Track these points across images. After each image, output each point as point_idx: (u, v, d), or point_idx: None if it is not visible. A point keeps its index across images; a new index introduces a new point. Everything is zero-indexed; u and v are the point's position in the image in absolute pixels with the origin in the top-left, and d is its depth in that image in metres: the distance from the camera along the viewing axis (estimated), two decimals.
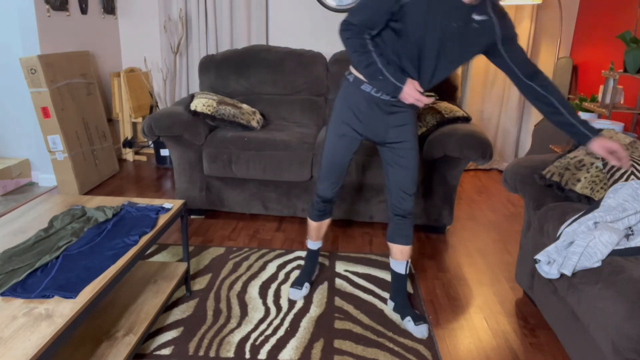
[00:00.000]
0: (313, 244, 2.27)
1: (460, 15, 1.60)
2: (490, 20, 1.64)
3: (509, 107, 4.14)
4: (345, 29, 1.64)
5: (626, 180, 1.72)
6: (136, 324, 1.71)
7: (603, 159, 1.83)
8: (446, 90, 3.36)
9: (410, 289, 2.30)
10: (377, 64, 1.64)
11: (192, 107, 2.93)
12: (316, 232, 2.22)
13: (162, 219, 1.84)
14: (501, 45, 1.69)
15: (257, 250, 2.64)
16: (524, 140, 4.31)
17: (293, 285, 2.22)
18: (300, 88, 3.46)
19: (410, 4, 1.58)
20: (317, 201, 2.11)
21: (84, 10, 3.76)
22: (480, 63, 4.05)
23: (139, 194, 3.48)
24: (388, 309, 2.13)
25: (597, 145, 1.63)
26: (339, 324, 2.01)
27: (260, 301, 2.16)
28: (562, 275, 1.68)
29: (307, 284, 2.23)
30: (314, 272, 2.32)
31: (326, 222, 2.20)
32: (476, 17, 1.62)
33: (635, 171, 1.73)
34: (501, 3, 1.67)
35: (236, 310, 2.09)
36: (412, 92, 1.65)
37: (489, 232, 3.01)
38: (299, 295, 2.18)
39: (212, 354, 1.81)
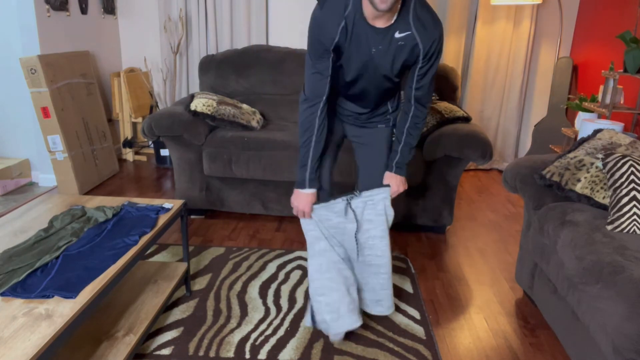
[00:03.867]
0: None
1: (380, 40, 1.59)
2: (412, 34, 1.59)
3: (509, 107, 4.14)
4: (301, 101, 1.76)
5: (626, 180, 1.73)
6: (136, 324, 1.71)
7: (603, 159, 1.83)
8: (446, 90, 3.36)
9: (410, 289, 2.30)
10: (309, 152, 1.75)
11: (192, 107, 2.93)
12: None
13: (162, 219, 1.84)
14: (421, 58, 1.64)
15: (257, 250, 2.64)
16: (524, 140, 4.31)
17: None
18: (300, 88, 3.46)
19: (338, 42, 1.62)
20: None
21: (84, 10, 3.76)
22: (480, 63, 4.06)
23: (139, 194, 3.48)
24: None
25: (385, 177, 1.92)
26: None
27: (260, 301, 2.16)
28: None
29: None
30: None
31: None
32: (398, 35, 1.59)
33: (635, 171, 1.73)
34: (500, 3, 1.66)
35: (236, 310, 2.09)
36: (301, 204, 1.79)
37: (489, 232, 3.01)
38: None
39: (212, 354, 1.81)
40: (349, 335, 1.93)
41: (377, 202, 1.83)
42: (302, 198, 1.79)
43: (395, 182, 1.90)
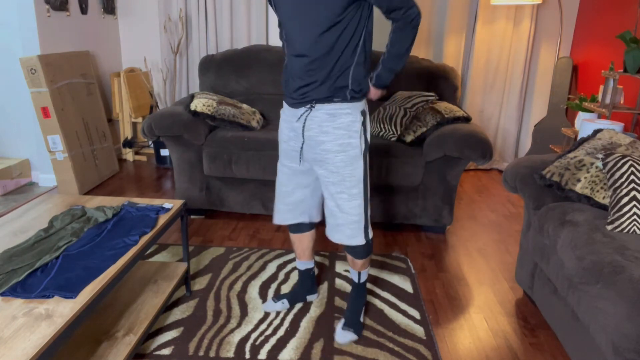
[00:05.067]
0: (299, 263, 2.13)
1: None
2: None
3: (509, 107, 4.14)
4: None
5: (626, 180, 1.72)
6: (136, 324, 1.71)
7: (603, 159, 1.83)
8: (446, 90, 3.36)
9: (410, 289, 2.30)
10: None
11: (192, 107, 2.93)
12: (298, 247, 2.08)
13: (162, 219, 1.84)
14: None
15: (257, 250, 2.64)
16: (524, 140, 4.31)
17: (273, 298, 2.12)
18: None
19: None
20: None
21: (84, 10, 3.76)
22: (480, 63, 4.05)
23: (139, 194, 3.48)
24: (387, 309, 2.13)
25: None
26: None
27: (260, 301, 2.16)
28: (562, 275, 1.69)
29: (285, 301, 2.10)
30: (300, 295, 2.14)
31: (307, 235, 2.05)
32: None
33: (635, 171, 1.73)
34: (500, 3, 1.64)
35: (236, 310, 2.09)
36: None
37: (489, 232, 3.01)
38: (270, 308, 2.08)
39: (212, 354, 1.81)
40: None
41: (339, 115, 1.69)
42: None
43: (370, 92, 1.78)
